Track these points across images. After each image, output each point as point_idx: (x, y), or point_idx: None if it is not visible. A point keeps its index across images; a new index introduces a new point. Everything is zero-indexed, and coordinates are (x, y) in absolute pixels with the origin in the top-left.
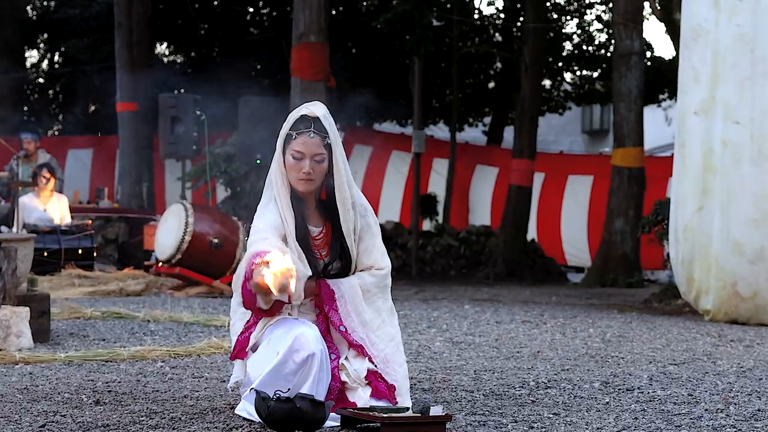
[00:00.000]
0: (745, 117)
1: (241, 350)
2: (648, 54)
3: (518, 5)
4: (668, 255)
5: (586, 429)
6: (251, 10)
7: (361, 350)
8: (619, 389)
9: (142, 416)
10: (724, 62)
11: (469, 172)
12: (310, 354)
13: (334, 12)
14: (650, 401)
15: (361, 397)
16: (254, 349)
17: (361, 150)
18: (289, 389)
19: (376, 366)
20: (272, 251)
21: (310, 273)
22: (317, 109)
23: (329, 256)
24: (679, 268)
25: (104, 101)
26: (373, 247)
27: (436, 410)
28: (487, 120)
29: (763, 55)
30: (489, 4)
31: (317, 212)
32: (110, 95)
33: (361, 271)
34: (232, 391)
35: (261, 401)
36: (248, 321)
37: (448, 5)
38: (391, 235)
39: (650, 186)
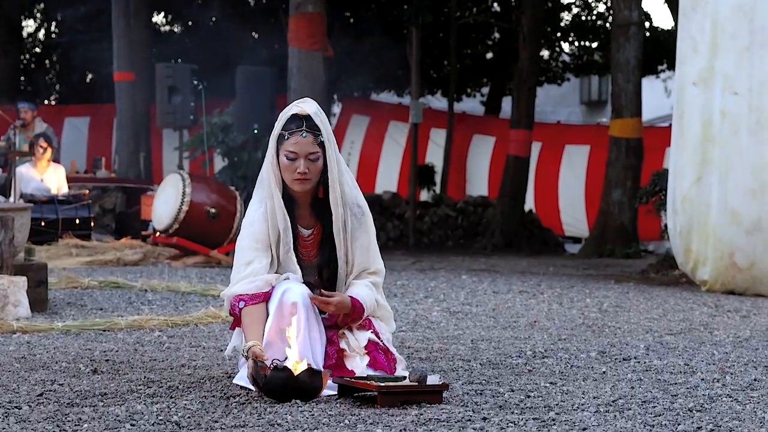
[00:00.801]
0: (743, 87)
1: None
2: (647, 24)
3: None
4: (665, 226)
5: (583, 398)
6: None
7: (368, 323)
8: (615, 359)
9: (139, 385)
10: (723, 32)
11: (467, 142)
12: (293, 302)
13: None
14: (647, 371)
15: (359, 365)
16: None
17: (358, 120)
18: (286, 358)
19: (380, 340)
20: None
21: (300, 277)
22: (308, 106)
23: (318, 258)
24: (677, 238)
25: (101, 71)
26: (368, 245)
27: (433, 379)
28: (485, 90)
29: (762, 24)
30: None
31: (310, 213)
32: (107, 65)
33: (357, 276)
34: (229, 359)
35: (254, 366)
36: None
37: None
38: (388, 206)
39: (648, 157)
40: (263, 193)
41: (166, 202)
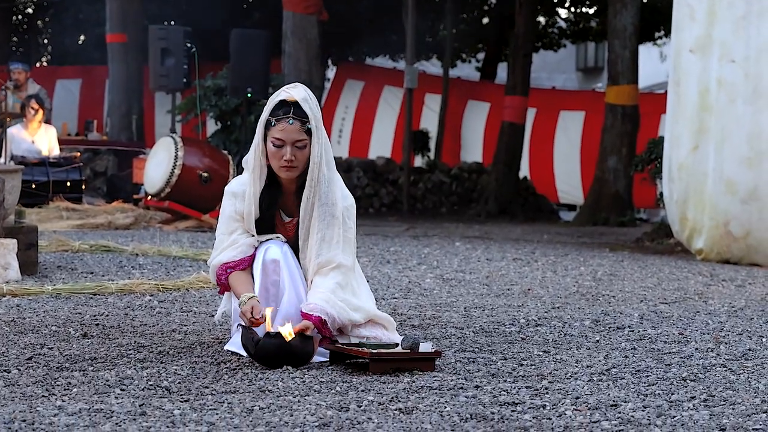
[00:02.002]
0: (740, 56)
1: (226, 285)
2: None
3: None
4: (661, 194)
5: (576, 366)
6: None
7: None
8: (609, 327)
9: (129, 350)
10: (721, 0)
11: (461, 108)
12: (274, 259)
13: None
14: (641, 340)
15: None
16: None
17: (352, 85)
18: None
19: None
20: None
21: (283, 238)
22: (297, 92)
23: (293, 243)
24: (673, 207)
25: (93, 32)
26: (331, 239)
27: (425, 347)
28: (481, 56)
29: None
30: None
31: (293, 199)
32: (100, 26)
33: (318, 271)
34: (220, 324)
35: (248, 336)
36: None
37: None
38: (382, 171)
39: (644, 124)
40: (249, 175)
41: (158, 165)
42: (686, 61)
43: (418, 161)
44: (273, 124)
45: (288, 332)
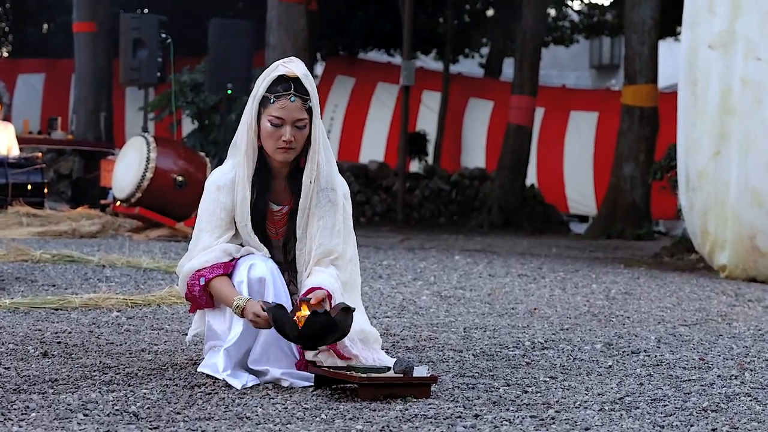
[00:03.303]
0: (767, 53)
1: (200, 303)
2: None
3: None
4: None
5: (586, 395)
6: None
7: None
8: (623, 352)
9: (94, 371)
10: None
11: (462, 107)
12: (260, 277)
13: None
14: (657, 365)
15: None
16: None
17: (343, 81)
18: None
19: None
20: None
21: (266, 252)
22: (296, 67)
23: (285, 234)
24: (694, 218)
25: (59, 20)
26: (333, 227)
27: (420, 371)
28: (485, 51)
29: None
30: None
31: (285, 186)
32: (66, 14)
33: (318, 262)
34: (193, 344)
35: (283, 316)
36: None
37: None
38: (375, 177)
39: (664, 127)
40: (235, 161)
41: (128, 168)
42: (704, 58)
43: (415, 166)
44: (272, 101)
45: (305, 312)
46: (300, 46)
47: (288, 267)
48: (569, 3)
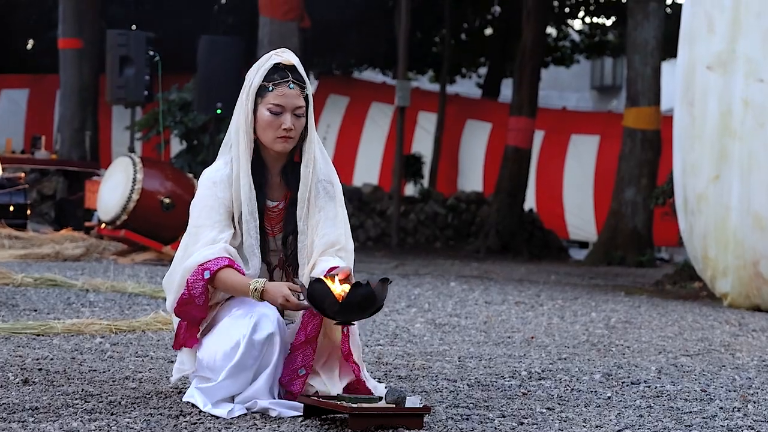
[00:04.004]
0: None
1: (187, 338)
2: (668, 0)
3: None
4: None
5: (584, 427)
6: None
7: (357, 368)
8: (623, 382)
9: (76, 399)
10: (747, 11)
11: (459, 129)
12: (270, 332)
13: None
14: (658, 397)
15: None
16: (206, 333)
17: (336, 101)
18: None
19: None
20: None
21: (258, 264)
22: (290, 56)
23: (283, 231)
24: (694, 242)
25: (44, 36)
26: (335, 217)
27: (412, 401)
28: (483, 71)
29: None
30: None
31: (280, 181)
32: (51, 29)
33: (323, 252)
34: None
35: (322, 290)
36: None
37: None
38: (369, 200)
39: (666, 151)
40: (229, 157)
41: (114, 189)
42: (703, 78)
43: (410, 189)
44: (270, 89)
45: (337, 286)
46: None
47: (286, 263)
48: (570, 22)
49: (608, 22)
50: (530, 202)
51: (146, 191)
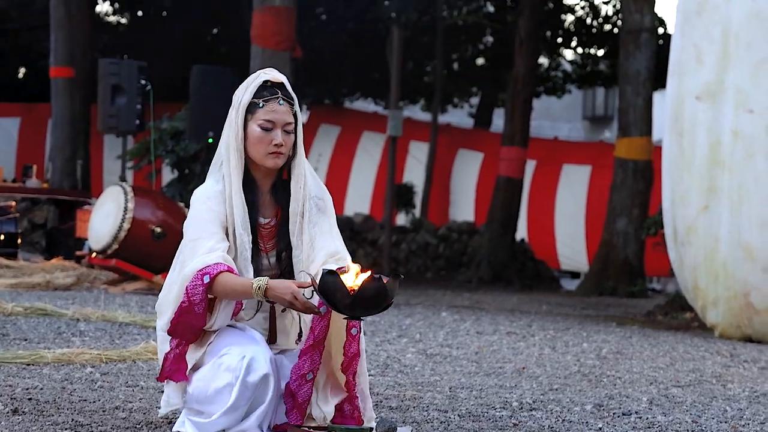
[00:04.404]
0: (760, 105)
1: (174, 371)
2: (660, 31)
3: None
4: None
5: None
6: None
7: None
8: (614, 413)
9: (66, 429)
10: (737, 42)
11: (451, 159)
12: (265, 374)
13: None
14: (649, 428)
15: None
16: (196, 369)
17: (327, 130)
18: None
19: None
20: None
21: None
22: (278, 74)
23: (276, 247)
24: (684, 273)
25: (36, 65)
26: (330, 230)
27: (403, 431)
28: (475, 101)
29: None
30: None
31: (270, 198)
32: (43, 58)
33: (324, 263)
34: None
35: (332, 280)
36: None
37: None
38: (360, 230)
39: (658, 182)
40: (220, 175)
41: (105, 218)
42: (692, 109)
43: (401, 219)
44: (260, 105)
45: (355, 278)
46: None
47: (279, 275)
48: (562, 52)
49: (600, 53)
50: (522, 232)
51: (137, 220)
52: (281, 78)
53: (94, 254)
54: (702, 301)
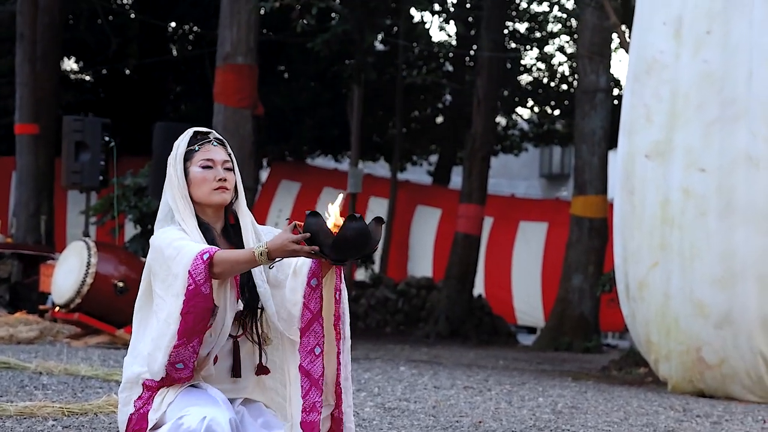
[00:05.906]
0: (711, 164)
1: (135, 431)
2: (615, 91)
3: (472, 31)
4: None
5: None
6: (173, 24)
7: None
8: None
9: None
10: (686, 102)
11: (410, 215)
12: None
13: (264, 31)
14: None
15: None
16: (156, 428)
17: (287, 186)
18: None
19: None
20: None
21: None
22: (204, 128)
23: (240, 279)
24: (637, 327)
25: (0, 121)
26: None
27: None
28: (434, 159)
29: (733, 96)
30: (440, 29)
31: (224, 240)
32: (8, 115)
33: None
34: None
35: (314, 221)
36: (140, 395)
37: (394, 28)
38: None
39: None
40: (174, 222)
41: (68, 272)
42: (642, 167)
43: (361, 274)
44: (196, 149)
45: (336, 215)
46: (246, 151)
47: (242, 310)
48: (519, 111)
49: (556, 112)
50: (479, 288)
51: (100, 275)
52: (209, 129)
53: (57, 308)
54: (655, 354)
